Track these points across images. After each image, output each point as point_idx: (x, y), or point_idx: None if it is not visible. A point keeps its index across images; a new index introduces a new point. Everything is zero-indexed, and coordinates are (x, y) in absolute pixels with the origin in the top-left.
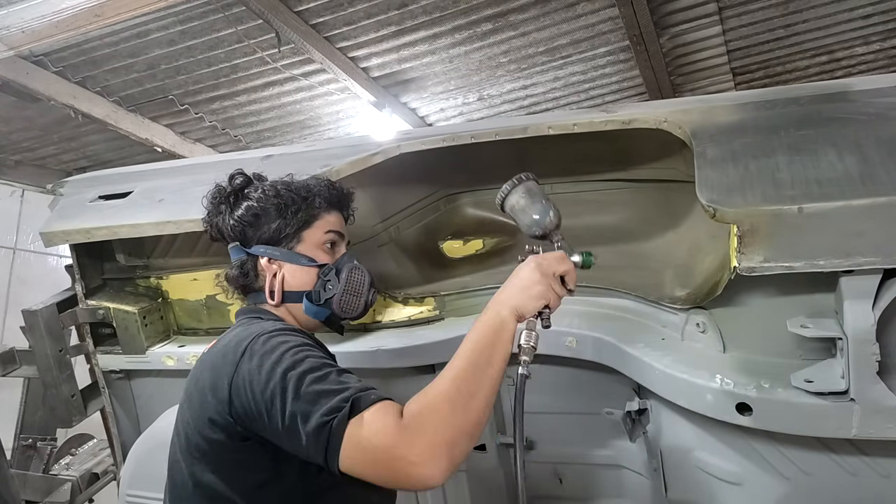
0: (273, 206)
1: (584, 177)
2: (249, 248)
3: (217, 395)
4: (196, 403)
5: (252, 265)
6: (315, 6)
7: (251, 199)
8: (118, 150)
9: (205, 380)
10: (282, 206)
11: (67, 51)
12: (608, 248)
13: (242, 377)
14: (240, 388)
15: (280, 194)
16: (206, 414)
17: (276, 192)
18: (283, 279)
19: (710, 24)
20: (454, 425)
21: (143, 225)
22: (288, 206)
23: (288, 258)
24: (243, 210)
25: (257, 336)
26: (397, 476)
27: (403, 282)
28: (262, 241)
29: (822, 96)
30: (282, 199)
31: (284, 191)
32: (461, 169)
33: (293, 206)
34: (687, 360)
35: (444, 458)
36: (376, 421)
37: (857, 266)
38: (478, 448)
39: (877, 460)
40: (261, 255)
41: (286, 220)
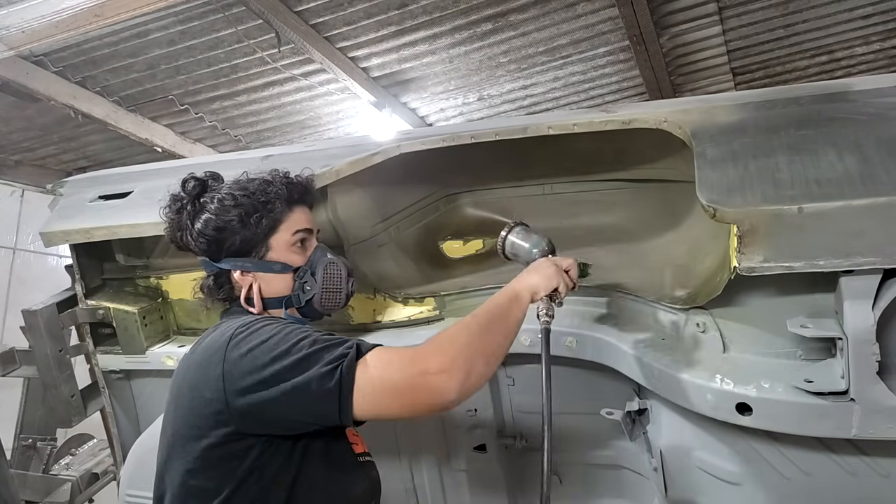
0: (235, 217)
1: (584, 177)
2: (219, 263)
3: (210, 388)
4: (185, 402)
5: (226, 278)
6: (315, 6)
7: (209, 210)
8: (118, 150)
9: (193, 378)
10: (243, 215)
11: (67, 51)
12: (608, 248)
13: (232, 363)
14: (233, 374)
15: (239, 202)
16: (197, 411)
17: (234, 200)
18: (260, 288)
19: (710, 24)
20: (471, 346)
21: (143, 225)
22: (250, 214)
23: (259, 268)
24: (202, 224)
25: (240, 326)
26: (416, 393)
27: (403, 282)
28: (230, 253)
29: (822, 96)
30: (242, 208)
31: (243, 197)
32: (461, 169)
33: (255, 214)
34: (687, 360)
35: (462, 370)
36: (383, 357)
37: (857, 266)
38: (478, 448)
39: (877, 460)
40: (232, 269)
41: (250, 231)
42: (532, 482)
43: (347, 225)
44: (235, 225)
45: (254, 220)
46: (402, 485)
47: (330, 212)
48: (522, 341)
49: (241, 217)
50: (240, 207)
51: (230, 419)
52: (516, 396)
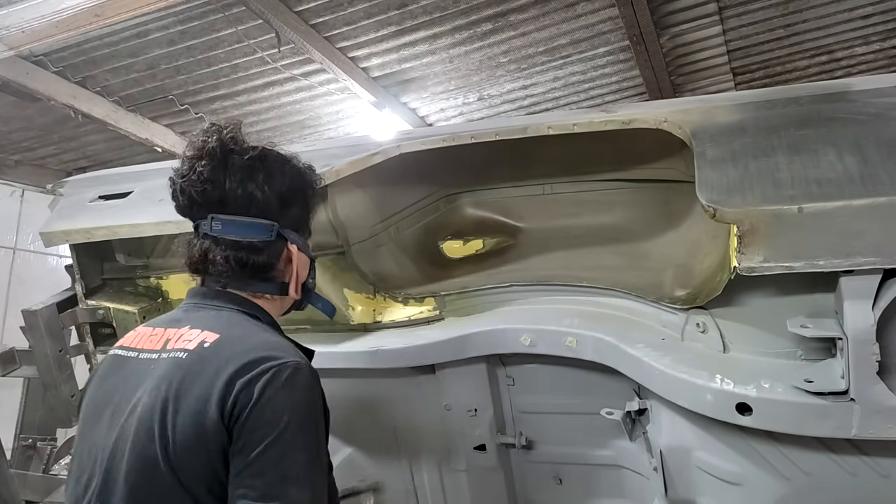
0: (299, 187)
1: (584, 177)
2: (283, 231)
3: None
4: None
5: (272, 253)
6: (315, 6)
7: (278, 172)
8: (118, 150)
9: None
10: (307, 189)
11: (67, 51)
12: (608, 248)
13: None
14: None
15: (302, 174)
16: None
17: (296, 171)
18: (297, 271)
19: (710, 24)
20: None
21: (143, 225)
22: (307, 190)
23: (306, 249)
24: (278, 181)
25: (295, 368)
26: None
27: (403, 282)
28: (289, 225)
29: (822, 96)
30: (304, 181)
31: (306, 170)
32: (461, 169)
33: (310, 191)
34: (687, 360)
35: None
36: None
37: (857, 266)
38: (478, 448)
39: (877, 460)
40: (291, 242)
41: (308, 207)
42: (532, 482)
43: (347, 225)
44: (299, 196)
45: (310, 198)
46: (403, 485)
47: (330, 212)
48: (522, 341)
49: (305, 190)
50: (302, 179)
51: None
52: (516, 396)
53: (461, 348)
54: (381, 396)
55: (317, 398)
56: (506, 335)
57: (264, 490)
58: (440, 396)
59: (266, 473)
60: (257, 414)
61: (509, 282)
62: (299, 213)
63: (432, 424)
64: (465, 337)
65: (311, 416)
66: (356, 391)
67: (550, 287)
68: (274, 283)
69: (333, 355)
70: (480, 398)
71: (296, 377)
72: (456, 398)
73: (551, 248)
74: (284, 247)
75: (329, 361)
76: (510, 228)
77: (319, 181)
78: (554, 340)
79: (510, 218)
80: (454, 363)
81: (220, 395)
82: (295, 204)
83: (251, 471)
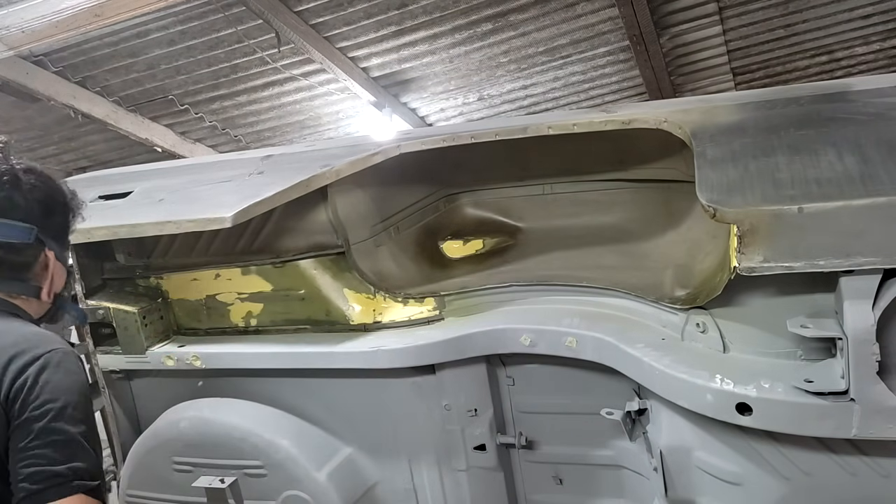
0: (60, 201)
1: (584, 177)
2: (42, 236)
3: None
4: None
5: (35, 254)
6: (315, 6)
7: (38, 184)
8: (118, 150)
9: None
10: (66, 204)
11: (67, 51)
12: (608, 248)
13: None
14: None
15: (64, 192)
16: None
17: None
18: (53, 278)
19: (711, 24)
20: None
21: (143, 225)
22: (69, 205)
23: (63, 259)
24: (39, 193)
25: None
26: None
27: (403, 282)
28: (49, 233)
29: (822, 96)
30: (63, 201)
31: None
32: (461, 169)
33: (71, 208)
34: (687, 360)
35: None
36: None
37: (857, 266)
38: (478, 448)
39: (877, 460)
40: (49, 249)
41: (68, 224)
42: (532, 482)
43: (347, 225)
44: (59, 208)
45: (72, 213)
46: (402, 485)
47: (330, 212)
48: (522, 341)
49: (64, 205)
50: (63, 196)
51: None
52: (516, 396)
53: (461, 348)
54: (381, 396)
55: (85, 378)
56: (506, 335)
57: (54, 457)
58: (440, 396)
59: (53, 445)
60: (36, 395)
61: (509, 282)
62: (60, 224)
63: (432, 424)
64: (465, 337)
65: (84, 393)
66: (356, 391)
67: (550, 287)
68: (28, 284)
69: (333, 355)
70: (480, 398)
71: (66, 361)
72: (456, 398)
73: (551, 248)
74: (42, 251)
75: (329, 361)
76: (510, 228)
77: (81, 205)
78: (554, 340)
79: (510, 218)
80: (454, 363)
81: None
82: (56, 214)
83: (37, 443)
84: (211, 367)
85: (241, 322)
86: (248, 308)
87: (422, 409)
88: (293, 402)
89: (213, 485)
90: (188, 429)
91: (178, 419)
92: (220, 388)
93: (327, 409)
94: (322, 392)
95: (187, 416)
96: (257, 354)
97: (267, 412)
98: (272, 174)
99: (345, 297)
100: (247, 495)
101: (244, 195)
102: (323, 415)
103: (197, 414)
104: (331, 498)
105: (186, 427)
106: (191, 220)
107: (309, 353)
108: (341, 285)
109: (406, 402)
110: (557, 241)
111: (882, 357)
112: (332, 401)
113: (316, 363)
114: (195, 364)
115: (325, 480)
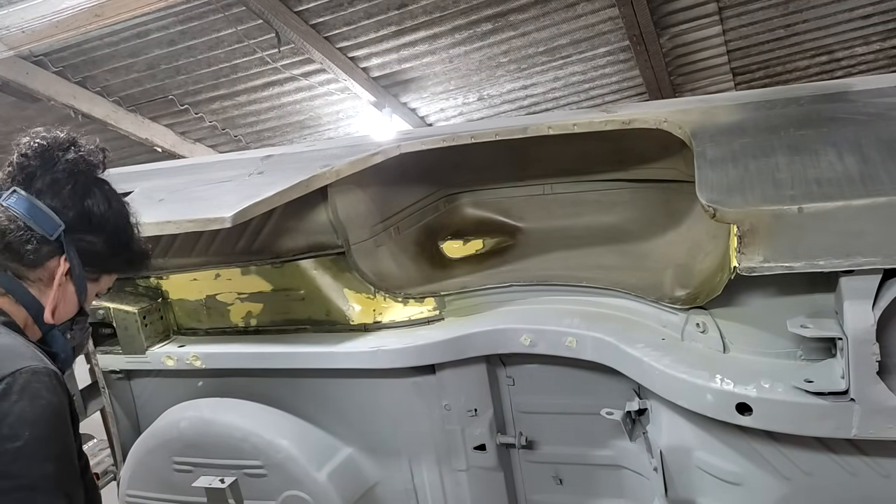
0: (114, 227)
1: (584, 177)
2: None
3: None
4: None
5: (48, 253)
6: (315, 6)
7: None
8: (118, 150)
9: None
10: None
11: (67, 51)
12: (608, 248)
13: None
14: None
15: (127, 217)
16: None
17: (121, 211)
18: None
19: (710, 24)
20: None
21: (143, 225)
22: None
23: (79, 283)
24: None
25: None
26: None
27: (403, 282)
28: (76, 243)
29: (822, 96)
30: (120, 226)
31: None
32: (461, 169)
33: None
34: (687, 360)
35: None
36: None
37: (857, 266)
38: (478, 448)
39: (877, 460)
40: (66, 254)
41: (111, 252)
42: (532, 482)
43: (347, 225)
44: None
45: (117, 246)
46: (402, 485)
47: (330, 212)
48: (522, 341)
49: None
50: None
51: None
52: (516, 396)
53: (461, 348)
54: (381, 396)
55: (59, 403)
56: (506, 335)
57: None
58: (440, 396)
59: (13, 490)
60: None
61: (509, 282)
62: (98, 246)
63: (432, 424)
64: (465, 337)
65: (54, 422)
66: (356, 391)
67: (550, 287)
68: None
69: (333, 355)
70: (480, 398)
71: (33, 384)
72: (456, 398)
73: (551, 248)
74: (56, 258)
75: (329, 361)
76: (510, 228)
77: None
78: (554, 340)
79: (510, 218)
80: (454, 363)
81: None
82: (99, 232)
83: None
84: (211, 367)
85: (241, 322)
86: (248, 308)
87: (422, 409)
88: (293, 402)
89: (213, 485)
90: (188, 429)
91: (178, 419)
92: (220, 388)
93: (327, 410)
94: (322, 392)
95: (187, 416)
96: (257, 354)
97: (267, 412)
98: (272, 174)
99: (345, 297)
100: (247, 495)
101: (244, 195)
102: (323, 415)
103: (197, 414)
104: (331, 498)
105: (186, 427)
106: (191, 220)
107: (309, 353)
108: (341, 285)
109: (406, 402)
110: (557, 241)
111: (882, 357)
112: (332, 401)
113: (316, 363)
114: (195, 364)
115: (325, 480)
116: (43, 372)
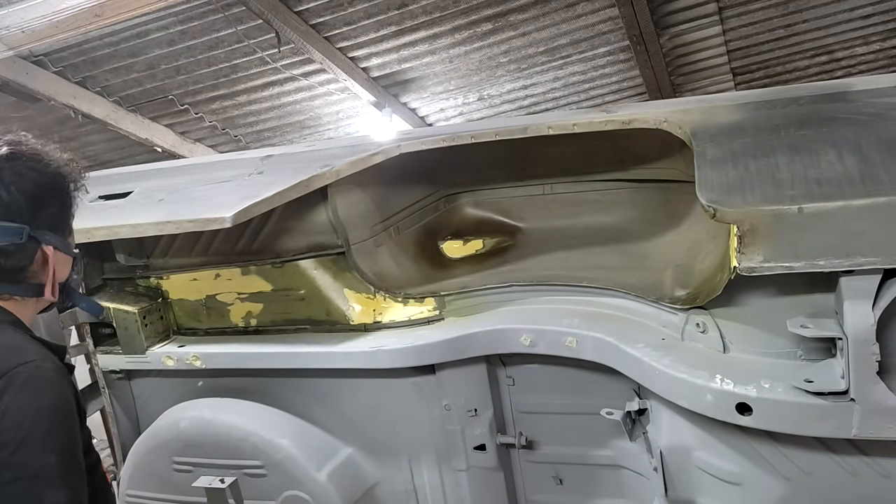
0: (56, 185)
1: (584, 177)
2: (36, 233)
3: None
4: None
5: (29, 252)
6: (315, 6)
7: (29, 171)
8: (118, 150)
9: None
10: (65, 185)
11: (67, 51)
12: (608, 248)
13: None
14: None
15: (59, 171)
16: None
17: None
18: (55, 272)
19: (710, 24)
20: None
21: (143, 225)
22: (66, 186)
23: (66, 248)
24: (27, 183)
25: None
26: None
27: (403, 282)
28: (44, 225)
29: (822, 96)
30: (61, 177)
31: (64, 165)
32: (461, 169)
33: (70, 186)
34: (687, 360)
35: None
36: None
37: (857, 266)
38: (478, 448)
39: (877, 460)
40: (46, 244)
41: (68, 204)
42: (532, 482)
43: (347, 225)
44: (65, 190)
45: (68, 200)
46: (402, 485)
47: (330, 212)
48: (522, 341)
49: (60, 192)
50: (58, 181)
51: None
52: (516, 396)
53: (461, 348)
54: (381, 396)
55: (64, 396)
56: (506, 335)
57: (17, 496)
58: (440, 396)
59: (16, 480)
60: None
61: (509, 282)
62: (56, 213)
63: (432, 424)
64: (465, 337)
65: (58, 416)
66: (356, 391)
67: (550, 287)
68: (26, 284)
69: (333, 355)
70: (480, 398)
71: (35, 378)
72: (456, 398)
73: (551, 248)
74: (38, 248)
75: (329, 361)
76: (510, 228)
77: (81, 174)
78: (554, 340)
79: (510, 218)
80: (454, 363)
81: None
82: (51, 204)
83: None
84: (211, 367)
85: (241, 322)
86: (248, 308)
87: (422, 409)
88: (293, 402)
89: (213, 485)
90: (188, 429)
91: (178, 419)
92: (220, 388)
93: (327, 409)
94: (322, 392)
95: (187, 416)
96: (257, 354)
97: (267, 412)
98: (272, 174)
99: (345, 297)
100: (247, 495)
101: (244, 195)
102: (323, 415)
103: (197, 414)
104: (331, 498)
105: (186, 427)
106: (191, 220)
107: (309, 353)
108: (341, 285)
109: (406, 402)
110: (557, 241)
111: (882, 357)
112: (332, 401)
113: (316, 363)
114: (195, 364)
115: (325, 480)
116: (46, 367)
